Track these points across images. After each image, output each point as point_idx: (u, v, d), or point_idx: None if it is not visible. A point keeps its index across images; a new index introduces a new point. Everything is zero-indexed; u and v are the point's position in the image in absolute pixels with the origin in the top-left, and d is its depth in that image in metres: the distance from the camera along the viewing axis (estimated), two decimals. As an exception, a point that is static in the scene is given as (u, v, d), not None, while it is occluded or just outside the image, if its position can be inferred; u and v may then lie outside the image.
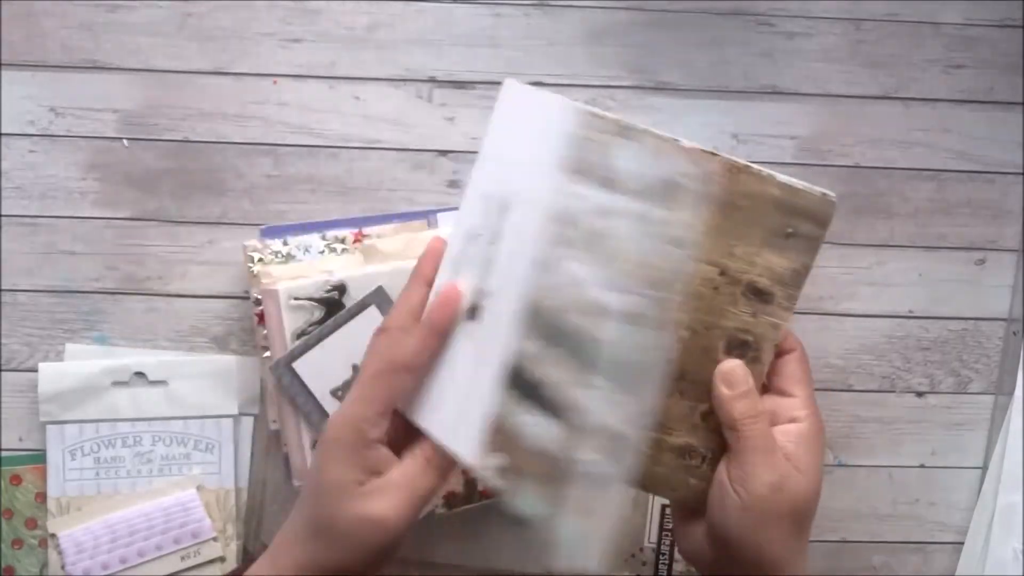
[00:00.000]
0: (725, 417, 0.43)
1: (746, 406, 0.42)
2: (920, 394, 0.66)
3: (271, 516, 0.64)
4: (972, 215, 0.66)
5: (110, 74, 0.62)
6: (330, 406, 0.59)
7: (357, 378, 0.44)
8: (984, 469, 0.67)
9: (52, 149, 0.63)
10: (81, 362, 0.62)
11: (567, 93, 0.64)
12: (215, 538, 0.62)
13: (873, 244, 0.66)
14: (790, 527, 0.42)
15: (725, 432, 0.43)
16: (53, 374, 0.62)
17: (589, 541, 0.45)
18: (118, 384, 0.62)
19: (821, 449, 0.43)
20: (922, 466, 0.67)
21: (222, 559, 0.62)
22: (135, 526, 0.61)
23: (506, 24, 0.63)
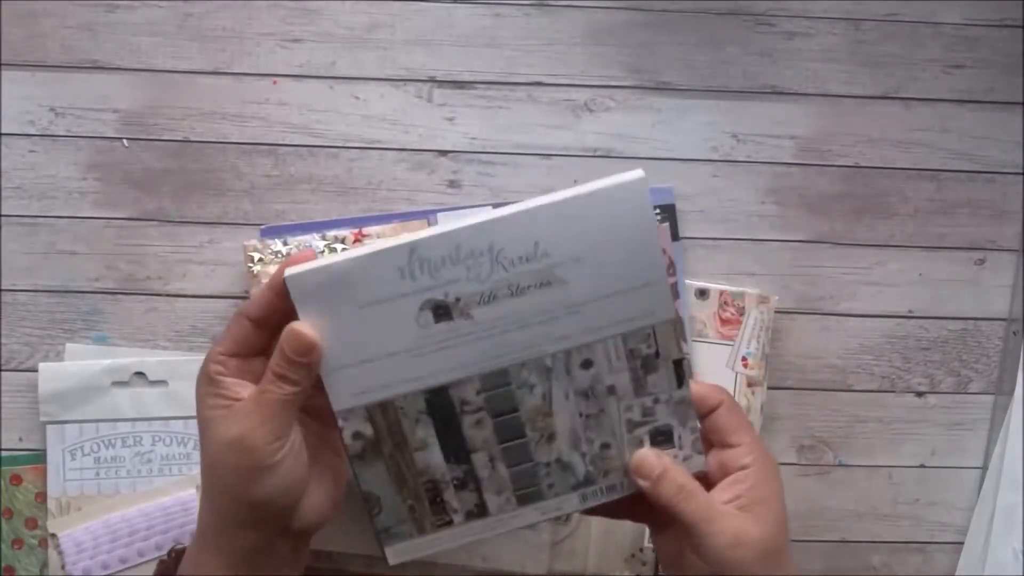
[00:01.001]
0: (658, 506, 0.44)
1: (669, 488, 0.43)
2: (920, 394, 0.67)
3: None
4: (972, 215, 0.66)
5: (110, 74, 0.63)
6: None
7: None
8: (984, 469, 0.67)
9: (52, 149, 0.63)
10: (81, 362, 0.62)
11: (567, 93, 0.64)
12: (215, 538, 0.62)
13: (873, 244, 0.66)
14: (763, 567, 0.43)
15: (671, 515, 0.44)
16: (53, 374, 0.62)
17: (408, 545, 0.45)
18: (118, 384, 0.62)
19: (777, 487, 0.45)
20: (922, 466, 0.67)
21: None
22: (135, 526, 0.61)
23: (506, 24, 0.63)
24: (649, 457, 0.44)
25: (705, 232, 0.65)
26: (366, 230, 0.62)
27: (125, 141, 0.63)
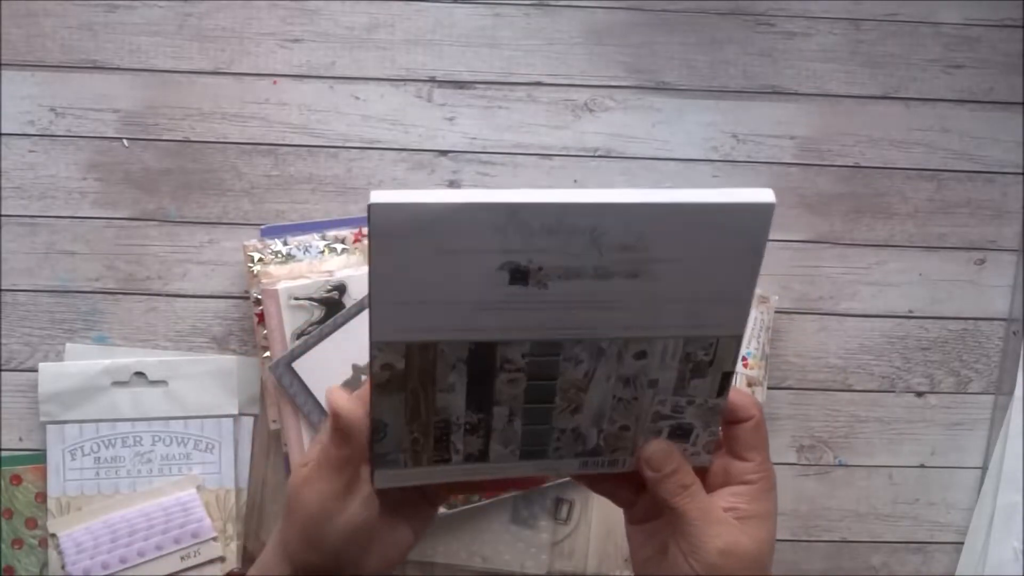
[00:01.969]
0: (657, 498, 0.44)
1: (673, 485, 0.44)
2: (920, 394, 0.66)
3: (271, 516, 0.63)
4: (972, 215, 0.66)
5: (110, 74, 0.62)
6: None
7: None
8: (984, 469, 0.67)
9: (52, 149, 0.63)
10: (81, 362, 0.62)
11: (567, 93, 0.64)
12: (215, 538, 0.62)
13: (873, 244, 0.66)
14: None
15: (665, 509, 0.44)
16: (53, 374, 0.62)
17: (399, 473, 0.44)
18: (118, 384, 0.62)
19: (773, 509, 0.45)
20: (922, 466, 0.67)
21: (222, 559, 0.62)
22: (135, 526, 0.61)
23: (506, 24, 0.63)
24: (664, 449, 0.44)
25: (705, 232, 0.65)
26: (366, 230, 0.62)
27: (125, 141, 0.63)
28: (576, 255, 0.39)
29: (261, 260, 0.61)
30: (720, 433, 0.46)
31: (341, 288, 0.59)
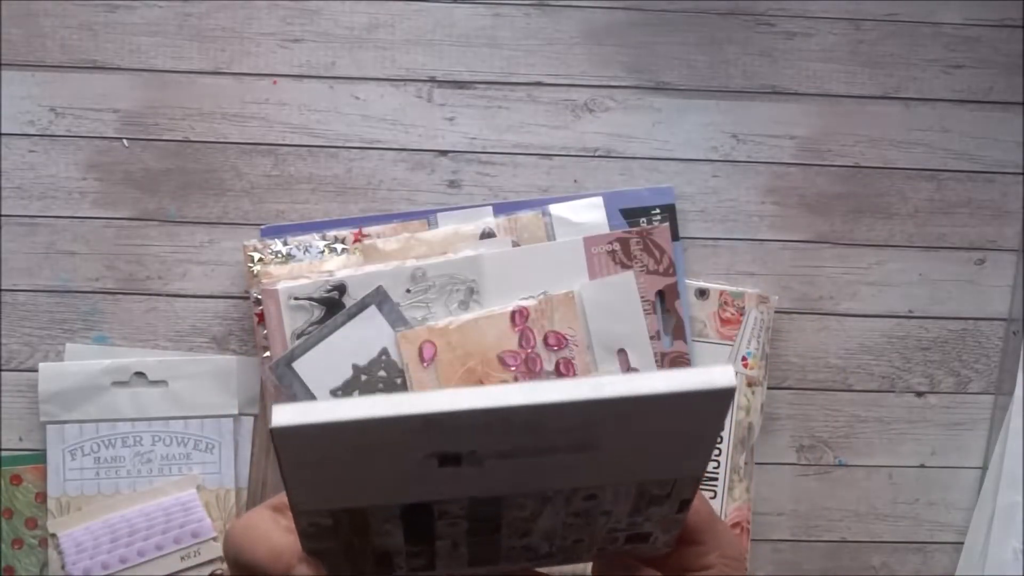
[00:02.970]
0: None
1: None
2: (920, 394, 0.66)
3: (271, 516, 0.63)
4: (972, 215, 0.66)
5: (110, 74, 0.63)
6: (330, 406, 0.59)
7: None
8: (984, 469, 0.67)
9: (52, 149, 0.63)
10: (81, 362, 0.62)
11: (567, 93, 0.64)
12: (215, 538, 0.62)
13: (873, 244, 0.66)
14: None
15: None
16: (53, 374, 0.62)
17: None
18: (118, 384, 0.62)
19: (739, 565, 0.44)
20: (922, 466, 0.67)
21: (222, 559, 0.62)
22: (135, 526, 0.61)
23: (506, 24, 0.63)
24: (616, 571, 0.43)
25: (705, 232, 0.65)
26: (366, 230, 0.62)
27: (125, 141, 0.63)
28: (512, 442, 0.35)
29: (261, 260, 0.61)
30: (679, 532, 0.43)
31: (341, 288, 0.59)
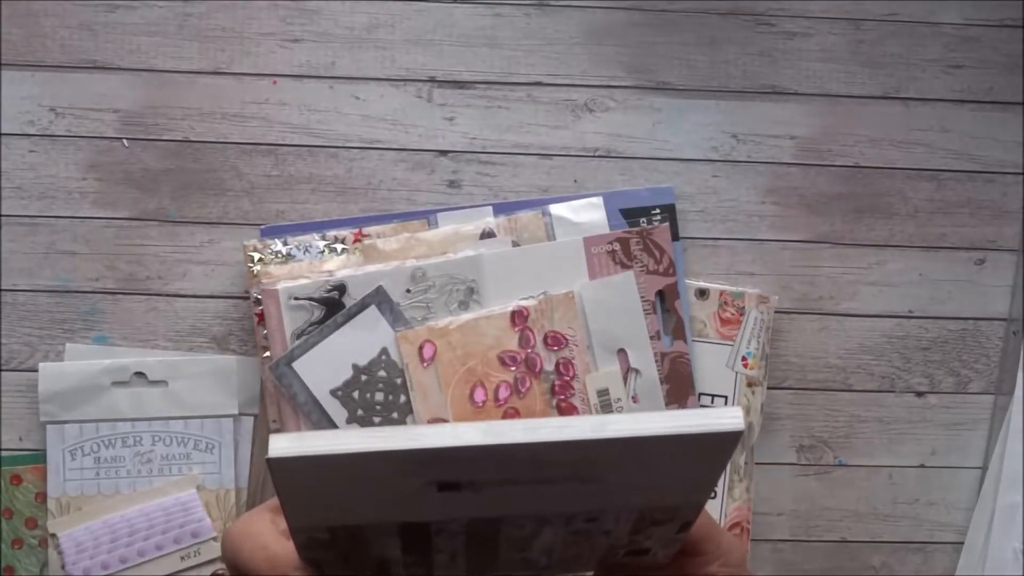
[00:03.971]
0: None
1: None
2: (920, 394, 0.66)
3: (271, 516, 0.63)
4: (972, 215, 0.66)
5: (110, 74, 0.63)
6: (330, 406, 0.59)
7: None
8: (984, 469, 0.67)
9: (52, 149, 0.63)
10: (81, 362, 0.62)
11: (567, 93, 0.64)
12: (215, 538, 0.62)
13: (873, 244, 0.66)
14: None
15: None
16: (53, 374, 0.62)
17: None
18: (118, 384, 0.62)
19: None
20: (922, 466, 0.67)
21: (222, 559, 0.62)
22: (135, 526, 0.61)
23: (506, 24, 0.63)
24: None
25: (705, 232, 0.65)
26: (366, 230, 0.62)
27: (125, 141, 0.63)
28: (512, 473, 0.34)
29: (261, 260, 0.61)
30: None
31: (341, 288, 0.59)
